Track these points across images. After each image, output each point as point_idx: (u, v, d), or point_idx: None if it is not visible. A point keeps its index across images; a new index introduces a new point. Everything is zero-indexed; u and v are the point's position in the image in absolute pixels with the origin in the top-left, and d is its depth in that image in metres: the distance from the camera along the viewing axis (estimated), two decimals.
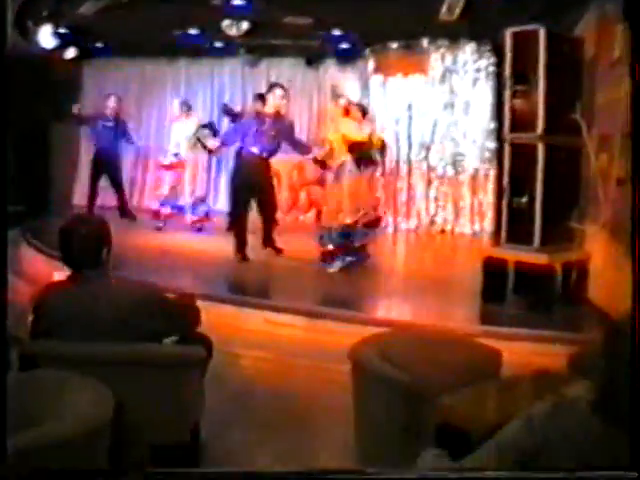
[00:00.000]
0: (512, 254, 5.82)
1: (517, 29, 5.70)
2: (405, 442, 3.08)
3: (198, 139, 9.68)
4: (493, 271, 5.86)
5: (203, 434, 3.62)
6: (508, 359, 3.61)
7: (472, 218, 10.88)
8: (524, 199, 5.73)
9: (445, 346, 3.58)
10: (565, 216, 5.98)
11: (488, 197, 10.74)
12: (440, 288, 6.90)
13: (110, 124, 10.49)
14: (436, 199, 11.03)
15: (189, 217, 10.14)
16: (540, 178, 5.64)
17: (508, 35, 5.72)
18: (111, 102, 10.50)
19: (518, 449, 1.95)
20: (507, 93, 5.78)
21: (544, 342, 4.97)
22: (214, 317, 4.64)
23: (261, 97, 9.05)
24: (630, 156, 5.13)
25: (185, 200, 10.20)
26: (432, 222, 10.99)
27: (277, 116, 7.80)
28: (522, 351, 4.72)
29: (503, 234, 6.00)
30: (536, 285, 5.68)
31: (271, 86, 8.17)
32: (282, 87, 8.01)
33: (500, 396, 3.00)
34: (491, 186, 10.65)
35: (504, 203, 5.95)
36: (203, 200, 10.43)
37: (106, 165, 10.61)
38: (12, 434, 2.18)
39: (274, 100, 7.79)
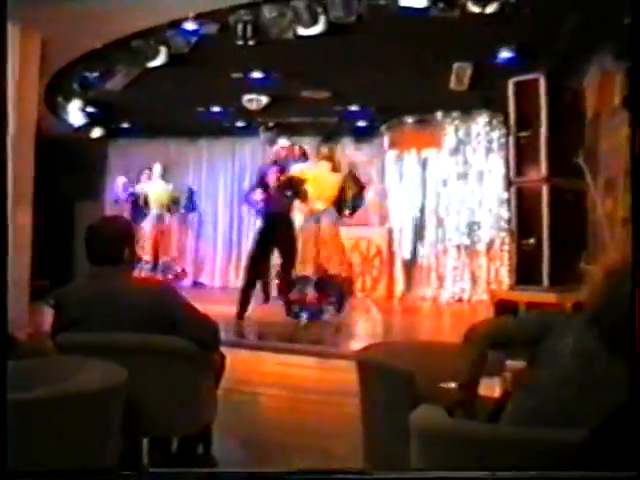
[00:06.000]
0: (522, 295, 5.91)
1: (519, 78, 5.97)
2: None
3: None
4: (504, 313, 5.94)
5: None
6: None
7: (489, 287, 10.95)
8: (532, 240, 5.87)
9: (449, 352, 3.67)
10: (574, 257, 6.07)
11: (504, 265, 10.82)
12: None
13: None
14: (454, 268, 11.16)
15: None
16: (546, 219, 5.79)
17: (511, 84, 5.98)
18: None
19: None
20: (511, 139, 6.00)
21: None
22: None
23: None
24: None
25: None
26: (449, 291, 11.10)
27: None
28: None
29: (513, 277, 6.11)
30: None
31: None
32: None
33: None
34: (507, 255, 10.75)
35: (513, 246, 6.09)
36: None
37: None
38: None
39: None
